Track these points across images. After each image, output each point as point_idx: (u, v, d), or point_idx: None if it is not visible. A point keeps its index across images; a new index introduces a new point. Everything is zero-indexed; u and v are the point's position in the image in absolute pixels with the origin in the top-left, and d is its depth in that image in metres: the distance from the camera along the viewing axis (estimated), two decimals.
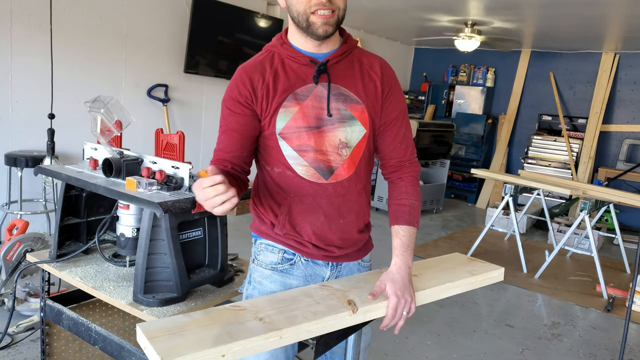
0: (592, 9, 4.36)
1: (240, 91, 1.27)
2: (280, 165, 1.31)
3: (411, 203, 1.36)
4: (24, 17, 3.70)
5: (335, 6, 1.21)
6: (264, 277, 1.38)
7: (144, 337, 1.00)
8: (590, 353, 3.06)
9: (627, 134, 6.41)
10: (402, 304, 1.23)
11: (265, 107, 1.26)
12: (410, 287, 1.27)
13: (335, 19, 1.22)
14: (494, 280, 1.49)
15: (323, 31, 1.22)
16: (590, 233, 4.07)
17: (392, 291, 1.23)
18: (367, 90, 1.32)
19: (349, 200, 1.36)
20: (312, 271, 1.39)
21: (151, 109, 4.73)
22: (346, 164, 1.32)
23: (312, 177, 1.30)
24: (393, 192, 1.40)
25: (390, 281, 1.25)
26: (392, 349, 2.85)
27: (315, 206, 1.33)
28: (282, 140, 1.28)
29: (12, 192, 3.68)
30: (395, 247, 1.32)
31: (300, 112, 1.26)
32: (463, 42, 5.64)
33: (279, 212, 1.34)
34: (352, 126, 1.30)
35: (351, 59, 1.33)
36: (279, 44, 1.31)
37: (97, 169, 1.77)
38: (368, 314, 1.21)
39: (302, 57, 1.28)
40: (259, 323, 1.08)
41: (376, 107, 1.33)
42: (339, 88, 1.29)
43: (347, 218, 1.37)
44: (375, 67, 1.34)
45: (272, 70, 1.28)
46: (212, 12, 4.81)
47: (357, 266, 1.46)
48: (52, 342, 1.98)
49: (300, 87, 1.27)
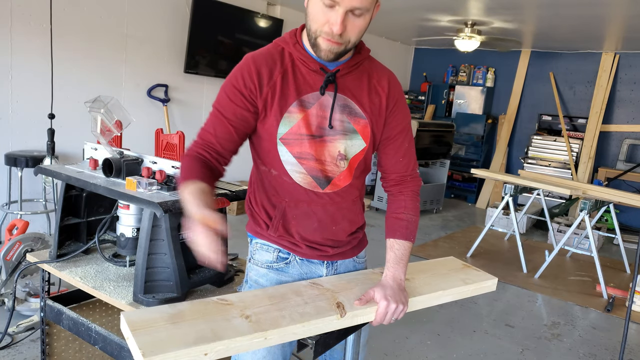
0: (592, 9, 4.36)
1: (246, 82, 1.22)
2: (277, 169, 1.29)
3: (409, 218, 1.35)
4: (24, 17, 3.70)
5: (346, 40, 1.17)
6: (260, 276, 1.38)
7: (127, 327, 0.99)
8: (590, 353, 3.06)
9: (627, 134, 6.41)
10: (391, 308, 1.21)
11: (268, 105, 1.23)
12: (400, 293, 1.25)
13: (342, 49, 1.19)
14: (487, 290, 1.47)
15: (325, 56, 1.20)
16: (590, 233, 4.07)
17: (381, 296, 1.22)
18: (373, 105, 1.31)
19: (343, 209, 1.36)
20: (307, 269, 1.39)
21: (151, 109, 4.73)
22: (343, 176, 1.31)
23: (308, 185, 1.29)
24: (392, 205, 1.39)
25: (379, 287, 1.25)
26: (392, 349, 2.85)
27: (309, 213, 1.33)
28: (282, 146, 1.26)
29: (12, 192, 3.68)
30: (388, 260, 1.32)
31: (304, 119, 1.24)
32: (463, 42, 5.64)
33: (273, 215, 1.34)
34: (353, 139, 1.29)
35: (361, 70, 1.31)
36: (292, 42, 1.27)
37: (97, 169, 1.77)
38: (356, 319, 1.19)
39: (313, 63, 1.25)
40: (245, 321, 1.06)
41: (379, 122, 1.33)
42: (346, 100, 1.28)
43: (340, 225, 1.37)
44: (383, 81, 1.33)
45: (282, 69, 1.24)
46: (212, 12, 4.81)
47: (353, 263, 1.47)
48: (52, 342, 1.98)
49: (307, 94, 1.25)
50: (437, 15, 5.40)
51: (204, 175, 1.18)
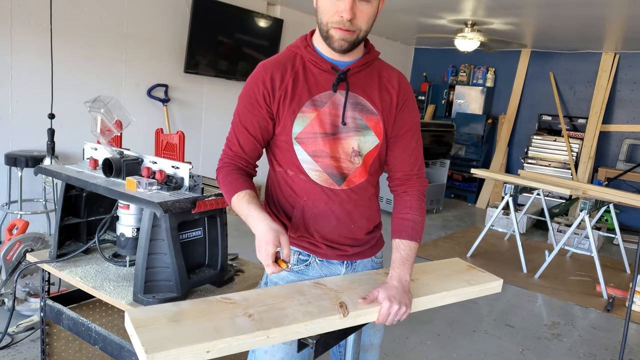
0: (592, 9, 4.36)
1: (259, 89, 1.27)
2: (294, 169, 1.32)
3: (414, 218, 1.36)
4: (24, 17, 3.70)
5: (357, 27, 1.21)
6: (279, 278, 1.39)
7: (131, 324, 1.00)
8: (590, 353, 3.06)
9: (627, 134, 6.41)
10: (394, 309, 1.21)
11: (282, 107, 1.27)
12: (405, 295, 1.25)
13: (354, 38, 1.23)
14: (492, 291, 1.47)
15: (338, 45, 1.23)
16: (590, 233, 4.07)
17: (384, 296, 1.22)
18: (384, 102, 1.33)
19: (360, 206, 1.37)
20: (327, 270, 1.39)
21: (151, 109, 4.73)
22: (358, 172, 1.33)
23: (325, 183, 1.31)
24: (397, 206, 1.40)
25: (383, 288, 1.25)
26: (392, 349, 2.85)
27: (327, 211, 1.34)
28: (297, 145, 1.29)
29: (12, 192, 3.68)
30: (394, 261, 1.32)
31: (317, 118, 1.27)
32: (463, 42, 5.64)
33: (293, 215, 1.35)
34: (366, 136, 1.31)
35: (371, 70, 1.34)
36: (303, 46, 1.31)
37: (97, 169, 1.77)
38: (359, 318, 1.20)
39: (324, 63, 1.28)
40: (247, 320, 1.07)
41: (390, 119, 1.34)
42: (357, 97, 1.30)
43: (358, 223, 1.38)
44: (393, 80, 1.36)
45: (293, 72, 1.28)
46: (212, 12, 4.81)
47: (371, 262, 1.47)
48: (52, 342, 1.98)
49: (320, 93, 1.28)
50: (437, 15, 5.40)
51: (246, 183, 1.27)
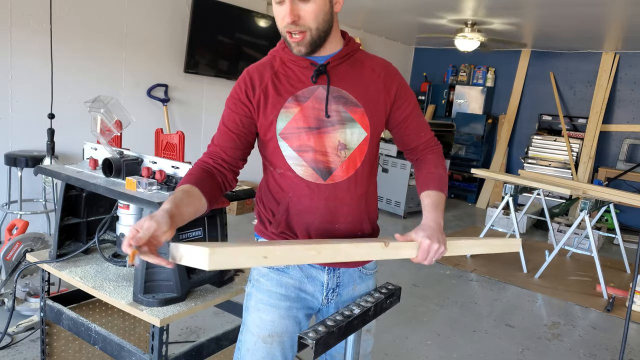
0: (592, 9, 4.37)
1: (241, 88, 1.31)
2: (281, 166, 1.32)
3: (440, 172, 1.40)
4: (24, 17, 3.70)
5: (305, 27, 1.21)
6: (261, 275, 1.39)
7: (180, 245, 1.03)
8: (590, 353, 3.06)
9: (627, 133, 6.41)
10: (434, 248, 1.23)
11: (261, 105, 1.29)
12: (441, 235, 1.27)
13: (309, 39, 1.23)
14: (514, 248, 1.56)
15: (297, 51, 1.26)
16: (590, 233, 4.07)
17: (423, 234, 1.24)
18: (369, 94, 1.32)
19: (345, 206, 1.32)
20: (307, 273, 1.37)
21: (151, 109, 4.73)
22: (344, 166, 1.31)
23: (310, 177, 1.30)
24: (420, 165, 1.44)
25: (421, 229, 1.26)
26: (392, 349, 2.85)
27: (311, 207, 1.31)
28: (282, 141, 1.29)
29: (12, 192, 3.68)
30: (426, 206, 1.33)
31: (300, 113, 1.28)
32: (463, 42, 5.64)
33: (277, 211, 1.34)
34: (352, 128, 1.30)
35: (353, 61, 1.34)
36: (281, 48, 1.33)
37: (97, 168, 1.77)
38: (399, 251, 1.24)
39: (303, 60, 1.29)
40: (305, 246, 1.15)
41: (378, 110, 1.33)
42: (340, 91, 1.30)
43: (342, 225, 1.34)
44: (377, 68, 1.35)
45: (273, 72, 1.31)
46: (212, 12, 4.81)
47: (359, 273, 1.43)
48: (52, 342, 1.98)
49: (302, 89, 1.29)
50: (437, 15, 5.40)
51: (197, 179, 1.24)
